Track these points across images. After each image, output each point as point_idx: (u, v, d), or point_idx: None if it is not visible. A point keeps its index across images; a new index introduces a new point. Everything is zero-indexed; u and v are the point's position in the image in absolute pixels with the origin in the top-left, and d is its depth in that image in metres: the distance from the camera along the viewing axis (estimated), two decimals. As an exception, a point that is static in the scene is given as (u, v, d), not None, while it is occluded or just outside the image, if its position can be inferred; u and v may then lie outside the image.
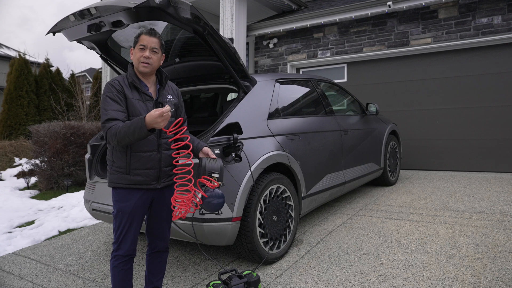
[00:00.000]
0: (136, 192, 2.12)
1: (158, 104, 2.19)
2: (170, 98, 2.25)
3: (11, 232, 4.31)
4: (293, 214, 3.19)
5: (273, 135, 3.15)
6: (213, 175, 2.11)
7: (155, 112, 1.90)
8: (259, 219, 2.84)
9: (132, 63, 2.21)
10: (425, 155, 6.85)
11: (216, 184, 2.10)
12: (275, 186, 3.01)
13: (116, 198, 2.16)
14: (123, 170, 2.11)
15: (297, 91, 4.05)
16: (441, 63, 6.71)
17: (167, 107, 1.92)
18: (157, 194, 2.20)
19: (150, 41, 2.13)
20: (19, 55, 12.06)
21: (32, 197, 6.28)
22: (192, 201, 2.08)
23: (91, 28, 2.57)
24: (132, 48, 2.17)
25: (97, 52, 3.16)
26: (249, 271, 2.46)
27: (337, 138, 4.05)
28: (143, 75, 2.17)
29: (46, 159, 6.47)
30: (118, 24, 2.44)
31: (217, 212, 2.18)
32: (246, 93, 3.12)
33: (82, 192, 5.88)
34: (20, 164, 8.38)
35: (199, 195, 2.10)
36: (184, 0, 2.40)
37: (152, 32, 2.15)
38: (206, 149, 2.24)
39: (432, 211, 4.05)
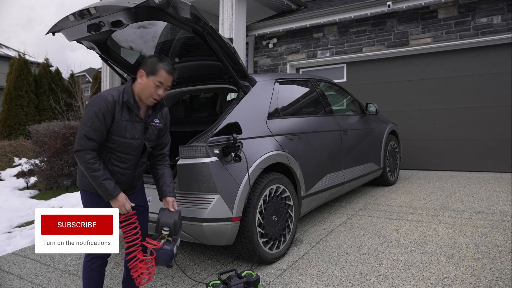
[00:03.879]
0: None
1: (146, 126, 2.19)
2: (156, 123, 2.24)
3: (10, 232, 4.31)
4: (292, 214, 3.19)
5: (273, 135, 3.15)
6: (163, 231, 2.14)
7: (126, 202, 2.07)
8: (258, 219, 2.84)
9: (132, 80, 2.16)
10: (425, 155, 6.85)
11: (159, 244, 2.11)
12: (274, 186, 3.01)
13: (85, 200, 2.19)
14: None
15: (297, 91, 4.05)
16: (440, 63, 6.70)
17: (132, 212, 2.11)
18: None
19: (169, 80, 2.12)
20: (19, 55, 12.05)
21: (32, 197, 6.28)
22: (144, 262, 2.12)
23: (90, 28, 2.56)
24: (143, 72, 2.08)
25: (96, 52, 3.16)
26: (249, 271, 2.46)
27: (336, 138, 4.05)
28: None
29: (45, 159, 6.47)
30: (117, 24, 2.44)
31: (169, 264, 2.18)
32: (245, 93, 3.12)
33: (81, 192, 5.86)
34: (20, 164, 8.36)
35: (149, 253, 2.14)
36: (184, 0, 2.40)
37: (173, 72, 2.13)
38: (170, 199, 2.26)
39: (431, 211, 4.05)
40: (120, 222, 2.10)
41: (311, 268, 2.84)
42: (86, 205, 2.19)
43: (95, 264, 2.16)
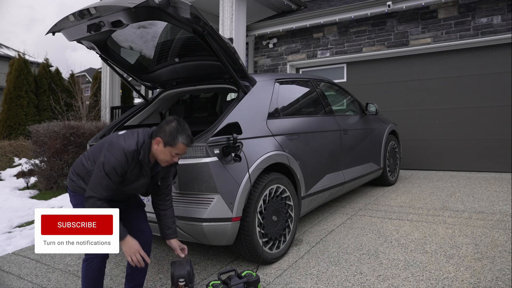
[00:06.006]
0: None
1: (152, 178, 2.23)
2: (158, 169, 2.25)
3: (10, 232, 4.31)
4: (292, 214, 3.19)
5: (273, 135, 3.15)
6: (179, 282, 2.21)
7: (140, 249, 2.05)
8: (258, 219, 2.84)
9: (151, 135, 2.14)
10: (425, 155, 6.85)
11: None
12: (274, 186, 3.01)
13: (77, 201, 2.19)
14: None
15: (297, 91, 4.05)
16: (440, 63, 6.70)
17: (144, 262, 2.09)
18: None
19: (185, 150, 2.14)
20: (19, 55, 12.04)
21: (32, 197, 6.27)
22: None
23: (90, 28, 2.57)
24: (161, 140, 2.06)
25: (96, 52, 3.16)
26: (249, 271, 2.46)
27: (336, 138, 4.05)
28: None
29: (45, 159, 6.46)
30: (117, 24, 2.44)
31: None
32: (245, 93, 3.12)
33: (81, 192, 5.85)
34: (20, 164, 8.36)
35: None
36: (184, 0, 2.40)
37: (191, 143, 2.14)
38: (176, 245, 2.30)
39: (431, 211, 4.05)
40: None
41: (311, 268, 2.84)
42: (78, 206, 2.20)
43: (93, 264, 2.16)
